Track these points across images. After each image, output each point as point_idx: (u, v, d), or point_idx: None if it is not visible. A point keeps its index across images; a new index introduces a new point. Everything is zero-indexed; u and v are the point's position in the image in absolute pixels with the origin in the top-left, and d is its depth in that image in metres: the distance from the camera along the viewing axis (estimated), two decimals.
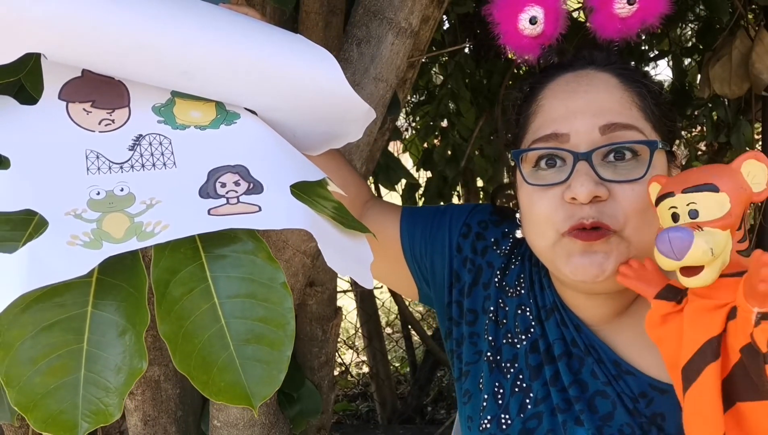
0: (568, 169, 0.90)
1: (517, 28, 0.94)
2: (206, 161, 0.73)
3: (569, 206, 0.90)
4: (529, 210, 0.96)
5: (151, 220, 0.65)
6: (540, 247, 0.96)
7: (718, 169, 0.79)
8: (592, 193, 0.87)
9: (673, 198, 0.79)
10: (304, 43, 0.81)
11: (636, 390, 0.96)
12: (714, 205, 0.76)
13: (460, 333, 1.11)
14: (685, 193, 0.78)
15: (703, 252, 0.73)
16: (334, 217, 0.72)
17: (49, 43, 0.72)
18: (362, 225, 0.75)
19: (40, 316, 0.63)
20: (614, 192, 0.89)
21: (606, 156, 0.90)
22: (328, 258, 0.67)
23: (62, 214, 0.65)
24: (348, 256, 0.71)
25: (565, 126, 0.92)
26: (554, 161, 0.93)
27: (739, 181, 0.77)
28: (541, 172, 0.94)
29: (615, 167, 0.90)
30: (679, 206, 0.78)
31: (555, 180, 0.92)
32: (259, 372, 0.64)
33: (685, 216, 0.77)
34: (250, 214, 0.67)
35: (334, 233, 0.71)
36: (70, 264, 0.60)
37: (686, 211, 0.77)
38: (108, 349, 0.64)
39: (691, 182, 0.78)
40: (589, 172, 0.89)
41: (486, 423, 1.03)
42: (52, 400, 0.62)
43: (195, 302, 0.65)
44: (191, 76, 0.76)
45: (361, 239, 0.74)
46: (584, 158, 0.89)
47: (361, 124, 0.87)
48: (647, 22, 0.92)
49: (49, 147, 0.72)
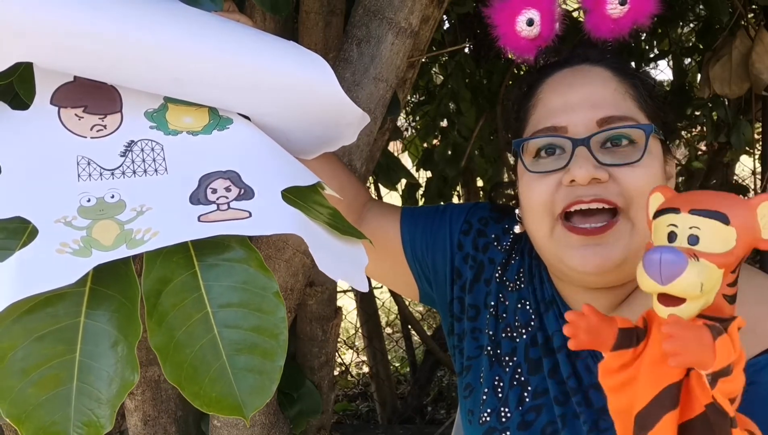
0: (568, 156, 0.93)
1: (514, 30, 0.97)
2: (197, 167, 0.73)
3: (568, 189, 0.93)
4: (528, 198, 0.99)
5: (141, 228, 0.65)
6: (538, 237, 0.99)
7: (733, 199, 0.70)
8: (590, 175, 0.91)
9: (676, 215, 0.70)
10: (296, 49, 0.81)
11: None
12: (718, 238, 0.67)
13: (461, 328, 1.13)
14: (692, 215, 0.68)
15: (691, 285, 0.65)
16: (329, 223, 0.72)
17: (39, 52, 0.72)
18: (358, 231, 0.74)
19: (32, 327, 0.63)
20: (614, 175, 0.92)
21: (603, 143, 0.94)
22: (319, 261, 0.66)
23: (52, 221, 0.65)
24: (342, 259, 0.70)
25: (563, 119, 0.95)
26: (553, 149, 0.96)
27: (751, 220, 0.68)
28: (542, 160, 0.97)
29: (613, 153, 0.94)
30: (680, 226, 0.69)
31: (554, 166, 0.95)
32: (251, 382, 0.64)
33: (683, 239, 0.68)
34: (240, 220, 0.66)
35: (327, 237, 0.71)
36: (59, 272, 0.60)
37: (686, 233, 0.68)
38: (101, 359, 0.63)
39: (702, 205, 0.69)
40: (587, 156, 0.92)
41: (486, 416, 1.04)
42: (43, 411, 0.61)
43: (187, 312, 0.65)
44: (183, 83, 0.76)
45: (356, 242, 0.74)
46: (582, 143, 0.92)
47: (355, 128, 0.87)
48: (639, 21, 0.95)
49: (39, 153, 0.72)
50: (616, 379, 0.73)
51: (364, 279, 0.72)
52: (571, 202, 0.92)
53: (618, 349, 0.72)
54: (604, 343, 0.72)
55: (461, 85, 2.66)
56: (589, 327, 0.72)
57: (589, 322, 0.72)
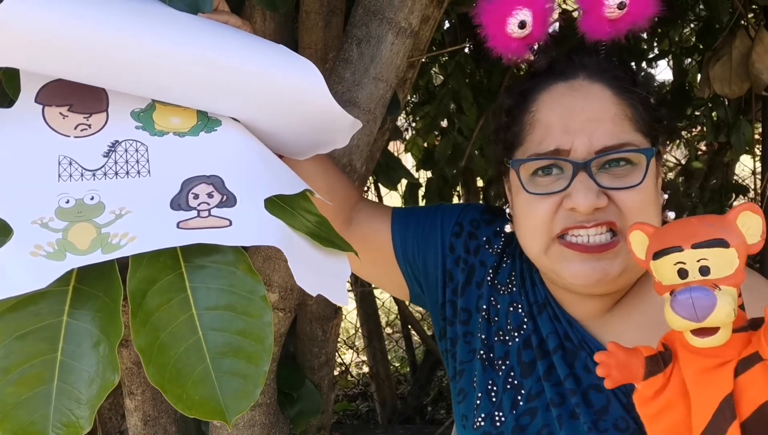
0: (568, 178, 0.93)
1: (505, 31, 0.94)
2: (181, 170, 0.72)
3: (568, 212, 0.94)
4: (525, 216, 0.99)
5: (118, 232, 0.64)
6: (533, 252, 0.99)
7: (719, 221, 0.74)
8: (593, 205, 0.91)
9: (680, 253, 0.72)
10: (287, 55, 0.80)
11: (629, 384, 0.96)
12: (725, 262, 0.71)
13: (454, 332, 1.12)
14: (696, 249, 0.72)
15: (726, 314, 0.69)
16: (314, 232, 0.71)
17: (21, 60, 0.71)
18: (344, 242, 0.73)
19: (14, 325, 0.63)
20: (614, 197, 0.93)
21: (603, 165, 0.94)
22: (297, 276, 0.66)
23: (28, 222, 0.64)
24: (322, 272, 0.70)
25: (564, 142, 0.94)
26: (551, 169, 0.96)
27: (740, 234, 0.73)
28: (539, 179, 0.97)
29: (612, 174, 0.94)
30: (688, 262, 0.72)
31: (554, 189, 0.95)
32: (235, 386, 0.63)
33: (695, 273, 0.71)
34: (219, 228, 0.66)
35: (309, 250, 0.70)
36: (30, 276, 0.59)
37: (696, 267, 0.71)
38: (82, 359, 0.63)
39: (701, 237, 0.72)
40: (589, 182, 0.92)
41: (480, 421, 1.04)
42: (23, 410, 0.61)
43: (172, 313, 0.64)
44: (169, 89, 0.75)
45: (340, 254, 0.73)
46: (583, 168, 0.92)
47: (347, 133, 0.86)
48: (637, 24, 0.93)
49: (21, 151, 0.71)
50: (654, 406, 0.77)
51: (345, 293, 0.72)
52: (572, 226, 0.94)
53: (650, 377, 0.76)
54: (635, 374, 0.77)
55: (462, 84, 2.65)
56: (618, 363, 0.77)
57: (618, 359, 0.77)
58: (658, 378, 0.76)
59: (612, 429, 0.95)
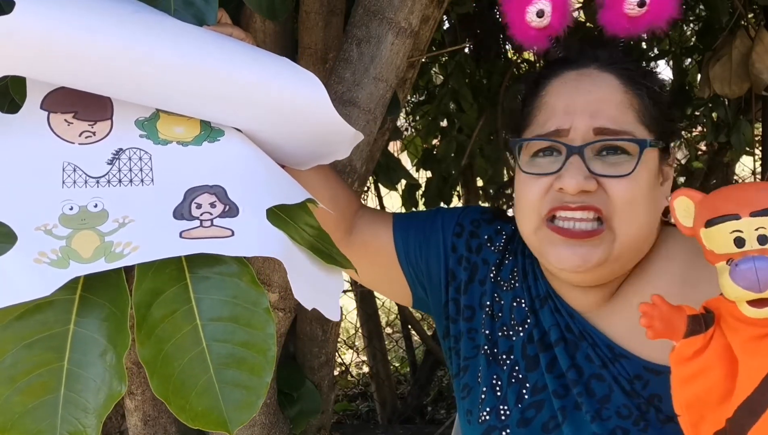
0: (562, 161, 0.95)
1: (524, 20, 0.96)
2: (184, 179, 0.72)
3: (557, 193, 0.95)
4: (519, 195, 1.01)
5: (122, 241, 0.64)
6: (525, 232, 1.01)
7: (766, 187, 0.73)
8: (580, 187, 0.93)
9: (738, 221, 0.71)
10: (290, 68, 0.80)
11: (631, 372, 0.99)
12: None
13: (457, 330, 1.13)
14: (755, 217, 0.70)
15: None
16: (314, 246, 0.71)
17: (26, 69, 0.71)
18: (344, 258, 0.74)
19: (21, 334, 0.63)
20: (604, 184, 0.94)
21: (599, 151, 0.95)
22: (296, 290, 0.66)
23: (32, 228, 0.64)
24: (318, 287, 0.70)
25: (564, 121, 0.96)
26: (551, 152, 0.98)
27: None
28: (539, 160, 0.99)
29: (606, 162, 0.95)
30: (746, 231, 0.71)
31: (548, 170, 0.97)
32: (237, 397, 0.63)
33: (752, 241, 0.70)
34: (222, 238, 0.66)
35: (308, 264, 0.70)
36: (34, 283, 0.59)
37: (754, 236, 0.70)
38: (89, 368, 0.63)
39: (759, 205, 0.71)
40: (580, 166, 0.94)
41: (485, 415, 1.05)
42: (30, 419, 0.61)
43: (177, 324, 0.64)
44: (174, 99, 0.75)
45: (335, 269, 0.73)
46: (577, 152, 0.94)
47: (348, 144, 0.86)
48: (655, 24, 0.94)
49: (26, 157, 0.71)
50: (690, 367, 0.76)
51: (338, 308, 0.72)
52: (557, 207, 0.95)
53: (691, 335, 0.75)
54: (676, 330, 0.75)
55: (462, 84, 2.65)
56: (662, 315, 0.75)
57: (661, 311, 0.75)
58: (698, 338, 0.75)
59: (615, 417, 0.97)
